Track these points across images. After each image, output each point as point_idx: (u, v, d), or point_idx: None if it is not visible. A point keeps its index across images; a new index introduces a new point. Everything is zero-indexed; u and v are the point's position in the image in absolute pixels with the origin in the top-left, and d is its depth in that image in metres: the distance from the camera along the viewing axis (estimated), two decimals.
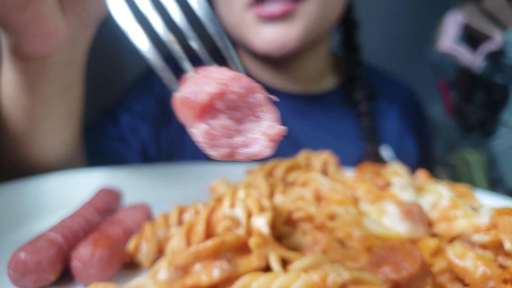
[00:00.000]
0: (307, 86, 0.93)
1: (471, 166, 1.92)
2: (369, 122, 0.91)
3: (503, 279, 0.29)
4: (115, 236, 0.37)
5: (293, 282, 0.28)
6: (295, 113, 0.89)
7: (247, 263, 0.31)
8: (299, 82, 0.92)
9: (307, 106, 0.91)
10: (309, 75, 0.93)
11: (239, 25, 0.79)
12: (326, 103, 0.93)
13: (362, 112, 0.91)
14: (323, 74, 0.96)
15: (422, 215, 0.37)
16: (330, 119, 0.91)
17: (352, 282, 0.28)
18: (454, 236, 0.36)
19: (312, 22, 0.78)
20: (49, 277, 0.36)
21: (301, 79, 0.92)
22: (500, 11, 1.61)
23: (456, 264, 0.31)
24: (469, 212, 0.36)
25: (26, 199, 0.51)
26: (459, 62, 1.69)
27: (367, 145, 0.89)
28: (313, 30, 0.79)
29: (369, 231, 0.35)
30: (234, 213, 0.34)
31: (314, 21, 0.78)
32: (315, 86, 0.95)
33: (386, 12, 2.37)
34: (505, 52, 1.59)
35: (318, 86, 0.95)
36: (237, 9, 0.77)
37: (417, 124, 1.05)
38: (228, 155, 0.27)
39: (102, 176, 0.58)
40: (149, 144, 0.84)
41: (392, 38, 2.12)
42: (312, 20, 0.78)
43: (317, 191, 0.41)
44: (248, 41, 0.79)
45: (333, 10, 0.83)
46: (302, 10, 0.76)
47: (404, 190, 0.41)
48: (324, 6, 0.78)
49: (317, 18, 0.79)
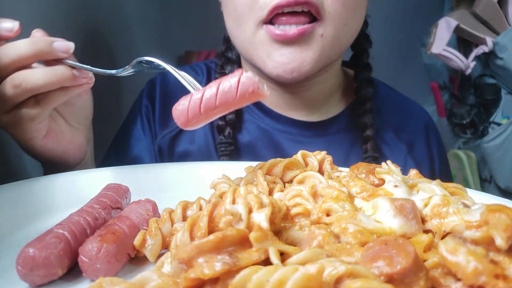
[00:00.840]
0: (314, 110, 0.88)
1: (463, 165, 1.94)
2: (373, 146, 0.84)
3: (495, 274, 0.29)
4: (121, 232, 0.39)
5: (291, 274, 0.28)
6: (296, 143, 0.84)
7: (247, 257, 0.32)
8: (306, 106, 0.87)
9: (310, 134, 0.86)
10: (318, 98, 0.87)
11: (250, 45, 0.75)
12: (331, 130, 0.87)
13: (367, 136, 0.85)
14: (331, 96, 0.89)
15: (415, 211, 0.38)
16: (334, 146, 0.85)
17: (348, 275, 0.29)
18: (446, 232, 0.37)
19: (328, 44, 0.73)
20: (57, 272, 0.37)
21: (308, 102, 0.87)
22: (491, 16, 1.63)
23: (448, 260, 0.31)
24: (461, 209, 0.37)
25: (35, 197, 0.52)
26: (452, 64, 1.71)
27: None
28: (329, 52, 0.74)
29: (364, 227, 0.36)
30: (235, 209, 0.35)
31: (331, 43, 0.73)
32: (322, 110, 0.88)
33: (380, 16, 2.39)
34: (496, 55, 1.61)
35: (325, 110, 0.89)
36: (248, 27, 0.72)
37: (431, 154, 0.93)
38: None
39: (109, 174, 0.59)
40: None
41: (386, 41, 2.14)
42: (328, 42, 0.72)
43: (314, 188, 0.42)
44: (260, 62, 0.74)
45: (351, 30, 0.77)
46: (318, 32, 0.71)
47: (397, 187, 0.42)
48: (341, 26, 0.72)
49: (334, 39, 0.73)
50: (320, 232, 0.36)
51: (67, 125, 0.65)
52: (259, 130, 0.86)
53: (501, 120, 1.79)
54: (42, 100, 0.56)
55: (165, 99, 0.89)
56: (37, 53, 0.54)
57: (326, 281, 0.29)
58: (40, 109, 0.56)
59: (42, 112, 0.57)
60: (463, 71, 1.74)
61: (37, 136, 0.60)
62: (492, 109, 1.84)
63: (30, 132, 0.58)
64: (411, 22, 2.39)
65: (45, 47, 0.54)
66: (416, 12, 2.42)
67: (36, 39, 0.55)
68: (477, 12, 1.69)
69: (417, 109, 1.00)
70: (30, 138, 0.59)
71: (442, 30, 1.69)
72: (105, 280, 0.33)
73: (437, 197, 0.40)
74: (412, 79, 2.38)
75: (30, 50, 0.54)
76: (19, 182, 0.55)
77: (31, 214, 0.50)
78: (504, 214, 0.32)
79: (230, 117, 0.84)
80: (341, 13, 0.71)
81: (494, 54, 1.65)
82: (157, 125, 0.88)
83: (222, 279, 0.31)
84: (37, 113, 0.56)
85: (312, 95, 0.86)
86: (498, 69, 1.69)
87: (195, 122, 0.43)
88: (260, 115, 0.87)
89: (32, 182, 0.55)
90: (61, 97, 0.57)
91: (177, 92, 0.87)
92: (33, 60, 0.55)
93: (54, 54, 0.55)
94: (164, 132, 0.87)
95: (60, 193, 0.55)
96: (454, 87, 2.11)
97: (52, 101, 0.57)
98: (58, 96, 0.57)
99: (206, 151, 0.85)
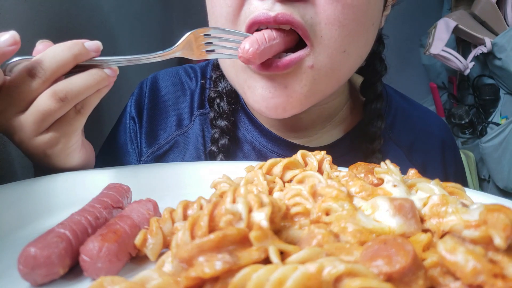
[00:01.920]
0: (313, 133, 0.78)
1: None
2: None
3: (494, 274, 0.29)
4: (123, 231, 0.39)
5: (291, 273, 0.29)
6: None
7: (247, 256, 0.32)
8: (306, 129, 0.77)
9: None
10: (318, 120, 0.77)
11: (232, 68, 0.64)
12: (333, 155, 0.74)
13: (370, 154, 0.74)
14: (334, 117, 0.78)
15: (414, 211, 0.38)
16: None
17: (347, 274, 0.29)
18: (445, 232, 0.37)
19: (321, 77, 0.59)
20: (58, 271, 0.37)
21: (308, 125, 0.77)
22: (490, 16, 1.64)
23: (447, 259, 0.31)
24: (460, 209, 0.37)
25: (37, 197, 0.52)
26: (450, 65, 1.72)
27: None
28: (323, 86, 0.61)
29: (363, 226, 0.37)
30: (236, 208, 0.35)
31: (325, 74, 0.59)
32: (323, 133, 0.78)
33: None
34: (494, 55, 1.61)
35: (326, 133, 0.78)
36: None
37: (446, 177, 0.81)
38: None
39: (110, 174, 0.59)
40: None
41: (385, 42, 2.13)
42: (321, 74, 0.59)
43: (313, 187, 0.42)
44: (241, 92, 0.65)
45: (352, 58, 0.61)
46: (306, 62, 0.57)
47: (396, 187, 0.42)
48: (339, 55, 0.58)
49: (329, 71, 0.59)
50: (319, 231, 0.36)
51: (84, 138, 0.64)
52: (255, 152, 0.78)
53: (499, 120, 1.80)
54: (82, 107, 0.54)
55: (155, 109, 0.83)
56: (76, 57, 0.52)
57: (325, 280, 0.29)
58: (81, 117, 0.55)
59: (84, 120, 0.56)
60: (461, 71, 1.75)
61: (76, 149, 0.58)
62: (490, 109, 1.84)
63: (71, 146, 0.56)
64: (410, 22, 2.40)
65: (81, 49, 0.52)
66: (415, 12, 2.42)
67: (69, 44, 0.53)
68: (475, 13, 1.69)
69: (435, 123, 0.86)
70: (69, 152, 0.57)
71: (441, 31, 1.70)
72: (106, 279, 0.33)
73: (436, 196, 0.40)
74: (411, 79, 2.39)
75: (69, 55, 0.52)
76: (21, 181, 0.55)
77: (32, 214, 0.50)
78: (502, 213, 0.32)
79: (223, 143, 0.75)
80: (337, 39, 0.57)
81: (492, 54, 1.65)
82: (143, 141, 0.81)
83: (223, 278, 0.31)
84: (80, 122, 0.55)
85: (312, 116, 0.76)
86: (496, 69, 1.69)
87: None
88: (257, 135, 0.78)
89: (33, 182, 0.55)
90: (96, 100, 0.55)
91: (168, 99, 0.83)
92: (72, 65, 0.53)
93: (90, 55, 0.54)
94: (150, 149, 0.80)
95: (61, 193, 0.55)
96: (453, 87, 2.12)
97: (90, 106, 0.55)
98: (94, 99, 0.55)
99: None
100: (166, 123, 0.81)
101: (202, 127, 0.80)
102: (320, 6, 0.55)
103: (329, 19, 0.55)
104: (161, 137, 0.80)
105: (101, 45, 0.55)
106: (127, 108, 0.84)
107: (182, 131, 0.81)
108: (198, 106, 0.83)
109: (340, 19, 0.55)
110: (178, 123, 0.81)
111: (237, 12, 0.58)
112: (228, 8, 0.58)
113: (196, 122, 0.81)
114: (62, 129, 0.54)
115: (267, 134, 0.78)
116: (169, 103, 0.83)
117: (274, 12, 0.54)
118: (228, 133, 0.76)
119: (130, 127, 0.82)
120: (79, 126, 0.55)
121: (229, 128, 0.76)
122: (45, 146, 0.55)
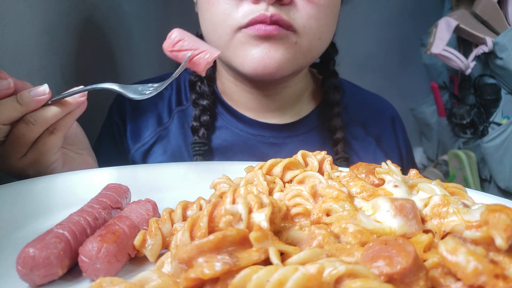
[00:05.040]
0: (285, 112, 0.92)
1: (463, 165, 1.94)
2: (343, 148, 0.89)
3: (495, 274, 0.29)
4: (122, 232, 0.39)
5: (291, 274, 0.28)
6: (270, 145, 0.88)
7: (247, 257, 0.32)
8: (279, 108, 0.91)
9: (283, 136, 0.89)
10: (289, 100, 0.91)
11: (228, 48, 0.76)
12: (302, 129, 0.91)
13: (337, 139, 0.90)
14: (301, 98, 0.94)
15: (415, 211, 0.38)
16: (306, 146, 0.87)
17: (348, 275, 0.29)
18: (446, 232, 0.37)
19: (301, 53, 0.77)
20: (57, 272, 0.37)
21: (281, 104, 0.90)
22: (491, 16, 1.63)
23: (448, 259, 0.31)
24: (461, 209, 0.37)
25: (35, 197, 0.52)
26: (452, 64, 1.71)
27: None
28: (301, 60, 0.78)
29: (363, 227, 0.36)
30: (235, 209, 0.35)
31: (303, 52, 0.77)
32: (293, 112, 0.92)
33: (381, 16, 2.40)
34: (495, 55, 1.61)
35: (295, 112, 0.93)
36: (225, 33, 0.75)
37: (398, 145, 1.00)
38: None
39: (109, 174, 0.59)
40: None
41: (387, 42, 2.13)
42: (301, 51, 0.76)
43: (314, 188, 0.42)
44: (239, 63, 0.76)
45: (324, 43, 0.81)
46: (292, 39, 0.74)
47: (397, 187, 0.42)
48: (315, 40, 0.77)
49: (307, 50, 0.77)
50: (320, 232, 0.36)
51: (74, 153, 0.71)
52: (233, 135, 0.90)
53: (501, 120, 1.79)
54: (55, 129, 0.61)
55: (135, 112, 0.92)
56: (25, 110, 0.58)
57: (326, 281, 0.29)
58: (55, 137, 0.61)
59: (58, 140, 0.62)
60: (463, 71, 1.74)
61: (57, 166, 0.64)
62: (492, 109, 1.84)
63: (51, 164, 0.63)
64: (411, 22, 2.40)
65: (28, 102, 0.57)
66: (416, 12, 2.42)
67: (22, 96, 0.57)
68: (477, 12, 1.69)
69: (383, 103, 1.06)
70: (52, 169, 0.64)
71: (442, 30, 1.69)
72: (105, 280, 0.33)
73: (437, 197, 0.40)
74: (412, 79, 2.39)
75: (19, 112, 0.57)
76: (19, 182, 0.55)
77: (31, 214, 0.50)
78: (504, 214, 0.32)
79: (205, 119, 0.87)
80: (315, 29, 0.75)
81: (494, 54, 1.65)
82: (129, 140, 0.91)
83: (222, 279, 0.31)
84: (54, 141, 0.61)
85: (284, 97, 0.90)
86: (498, 69, 1.69)
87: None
88: (234, 121, 0.91)
89: (32, 182, 0.55)
90: (69, 121, 0.62)
91: (146, 103, 0.90)
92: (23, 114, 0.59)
93: (37, 102, 0.58)
94: (136, 145, 0.90)
95: (60, 193, 0.55)
96: (454, 87, 2.11)
97: (63, 127, 0.61)
98: (67, 121, 0.61)
99: (180, 158, 0.88)
100: (147, 122, 0.91)
101: (182, 121, 0.91)
102: (301, 6, 0.73)
103: (309, 15, 0.74)
104: (144, 134, 0.91)
105: (47, 88, 0.59)
106: (110, 117, 0.94)
107: (163, 127, 0.91)
108: (176, 104, 0.93)
109: (316, 15, 0.74)
110: (159, 121, 0.92)
111: (235, 8, 0.73)
112: (227, 5, 0.73)
113: (175, 117, 0.92)
114: (39, 150, 0.61)
115: (241, 118, 0.91)
116: (148, 106, 0.93)
117: (269, 13, 0.70)
118: (209, 110, 0.89)
119: (115, 132, 0.92)
120: (54, 145, 0.62)
121: (210, 106, 0.89)
122: (26, 167, 0.62)
